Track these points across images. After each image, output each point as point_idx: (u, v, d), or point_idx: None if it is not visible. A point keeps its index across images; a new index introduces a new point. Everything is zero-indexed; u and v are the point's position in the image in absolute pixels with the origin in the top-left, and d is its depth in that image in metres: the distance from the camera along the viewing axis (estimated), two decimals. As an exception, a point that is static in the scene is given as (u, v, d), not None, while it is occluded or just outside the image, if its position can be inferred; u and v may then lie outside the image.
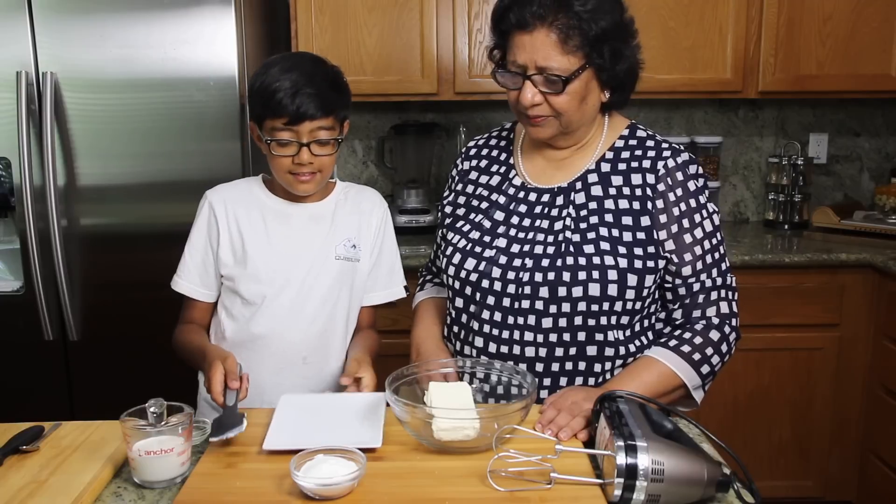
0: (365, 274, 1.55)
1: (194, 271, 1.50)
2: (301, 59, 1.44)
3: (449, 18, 2.58)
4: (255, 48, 2.35)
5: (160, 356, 2.24)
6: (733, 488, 1.03)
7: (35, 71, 2.15)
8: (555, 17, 1.27)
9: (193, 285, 1.50)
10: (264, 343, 1.48)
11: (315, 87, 1.36)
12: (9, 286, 2.29)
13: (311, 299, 1.48)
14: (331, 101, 1.38)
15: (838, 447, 2.56)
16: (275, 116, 1.36)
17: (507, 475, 1.06)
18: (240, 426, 1.15)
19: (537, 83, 1.31)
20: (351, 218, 1.53)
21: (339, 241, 1.50)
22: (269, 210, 1.49)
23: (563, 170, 1.43)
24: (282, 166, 1.41)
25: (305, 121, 1.36)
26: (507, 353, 1.37)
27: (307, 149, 1.38)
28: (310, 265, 1.48)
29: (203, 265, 1.49)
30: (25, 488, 1.05)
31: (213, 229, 1.48)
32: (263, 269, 1.46)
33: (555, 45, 1.28)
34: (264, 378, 1.46)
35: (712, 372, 1.34)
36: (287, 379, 1.48)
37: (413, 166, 2.90)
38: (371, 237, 1.55)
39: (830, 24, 2.61)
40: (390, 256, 1.60)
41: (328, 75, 1.41)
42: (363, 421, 1.23)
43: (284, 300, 1.47)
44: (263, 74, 1.38)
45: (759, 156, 3.06)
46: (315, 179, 1.43)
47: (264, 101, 1.37)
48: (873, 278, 2.44)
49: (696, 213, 1.36)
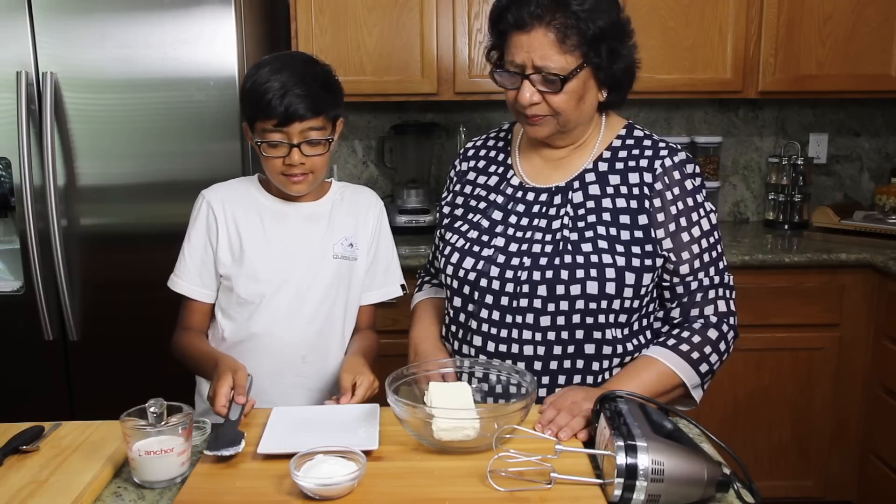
0: (362, 272, 1.55)
1: (194, 271, 1.49)
2: (291, 59, 1.43)
3: (449, 18, 2.58)
4: (255, 48, 2.35)
5: (160, 356, 2.23)
6: (733, 488, 1.03)
7: (35, 71, 2.16)
8: (552, 17, 1.27)
9: (193, 285, 1.49)
10: (263, 342, 1.47)
11: (304, 88, 1.35)
12: (9, 286, 2.29)
13: (309, 299, 1.48)
14: (321, 101, 1.37)
15: (838, 447, 2.56)
16: (265, 118, 1.36)
17: (507, 475, 1.06)
18: (237, 446, 1.12)
19: (535, 82, 1.31)
20: (348, 217, 1.53)
21: (336, 240, 1.51)
22: (266, 210, 1.49)
23: (560, 169, 1.43)
24: (274, 167, 1.41)
25: (295, 122, 1.35)
26: (506, 352, 1.37)
27: (298, 150, 1.37)
28: (307, 264, 1.48)
29: (203, 264, 1.49)
30: (25, 488, 1.05)
31: (211, 228, 1.48)
32: (261, 268, 1.46)
33: (552, 44, 1.28)
34: (263, 378, 1.46)
35: (711, 371, 1.34)
36: (286, 378, 1.48)
37: (413, 166, 2.90)
38: (368, 236, 1.55)
39: (830, 24, 2.61)
40: (387, 254, 1.60)
41: (318, 75, 1.40)
42: (359, 425, 1.23)
43: (283, 299, 1.47)
44: (254, 75, 1.38)
45: (759, 156, 3.06)
46: (308, 180, 1.43)
47: (254, 102, 1.36)
48: (873, 278, 2.44)
49: (694, 212, 1.37)
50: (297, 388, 1.49)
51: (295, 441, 1.15)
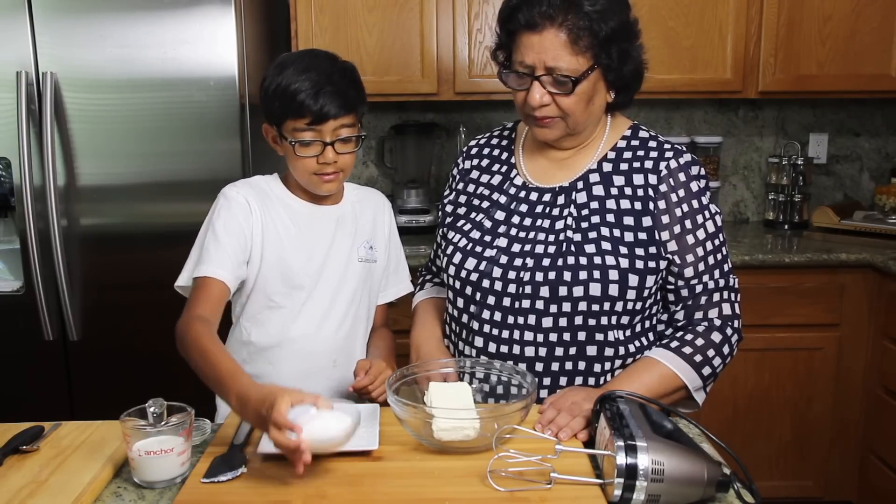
0: (380, 274, 1.56)
1: (224, 256, 1.37)
2: (316, 57, 1.41)
3: (449, 18, 2.58)
4: (255, 48, 2.35)
5: (160, 356, 2.24)
6: (733, 488, 1.02)
7: (35, 71, 2.15)
8: (564, 18, 1.27)
9: (225, 271, 1.36)
10: (295, 347, 1.45)
11: (335, 86, 1.35)
12: (9, 286, 2.29)
13: (338, 302, 1.47)
14: (351, 98, 1.38)
15: (838, 447, 2.56)
16: (297, 117, 1.35)
17: (507, 475, 1.05)
18: (235, 471, 1.09)
19: (545, 84, 1.30)
20: (367, 219, 1.54)
21: (359, 243, 1.51)
22: (296, 212, 1.47)
23: (564, 169, 1.43)
24: (306, 167, 1.39)
25: (329, 120, 1.35)
26: (508, 352, 1.36)
27: (331, 147, 1.37)
28: (337, 268, 1.47)
29: (235, 251, 1.38)
30: (25, 488, 1.05)
31: (248, 222, 1.41)
32: (297, 272, 1.44)
33: (564, 45, 1.27)
34: (292, 382, 1.44)
35: (714, 374, 1.34)
36: (315, 382, 1.46)
37: (413, 166, 2.90)
38: (384, 237, 1.57)
39: (830, 24, 2.61)
40: (397, 253, 1.62)
41: (345, 72, 1.40)
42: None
43: (316, 304, 1.45)
44: (279, 75, 1.36)
45: (759, 156, 3.06)
46: (338, 178, 1.42)
47: (285, 102, 1.35)
48: (873, 278, 2.44)
49: (699, 214, 1.36)
50: (325, 392, 1.46)
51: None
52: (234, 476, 1.08)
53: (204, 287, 1.35)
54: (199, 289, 1.36)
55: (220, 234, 1.38)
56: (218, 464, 1.11)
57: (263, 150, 2.43)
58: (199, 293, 1.35)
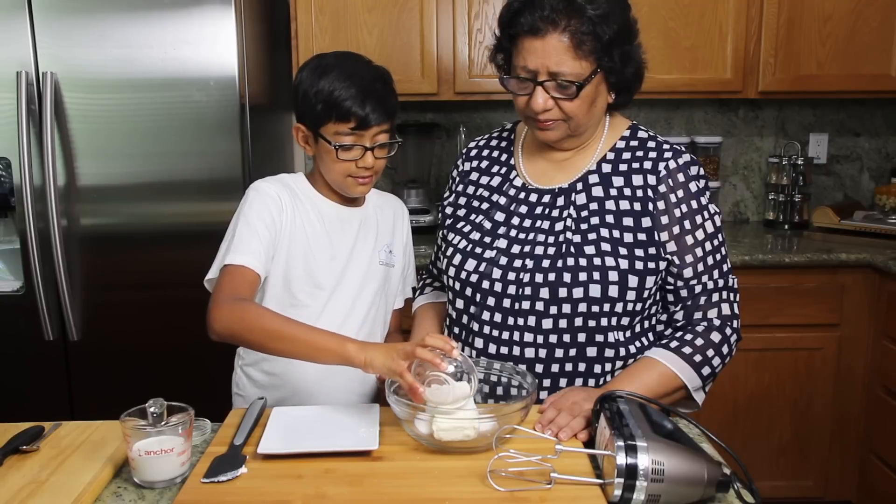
0: (398, 278, 1.58)
1: (260, 249, 1.36)
2: (356, 62, 1.43)
3: (449, 18, 2.58)
4: (255, 48, 2.35)
5: (160, 356, 2.25)
6: (733, 488, 1.02)
7: (35, 71, 2.16)
8: (567, 22, 1.26)
9: (256, 260, 1.36)
10: None
11: (378, 93, 1.38)
12: (9, 286, 2.29)
13: (359, 304, 1.49)
14: (391, 106, 1.41)
15: (838, 447, 2.56)
16: (341, 121, 1.37)
17: (507, 475, 1.05)
18: (234, 471, 1.09)
19: (549, 89, 1.30)
20: (387, 224, 1.56)
21: (380, 247, 1.53)
22: (323, 212, 1.48)
23: (563, 170, 1.43)
24: (344, 170, 1.41)
25: (372, 126, 1.38)
26: (507, 353, 1.36)
27: (371, 153, 1.39)
28: (360, 270, 1.49)
29: (270, 244, 1.39)
30: (25, 488, 1.05)
31: (280, 216, 1.42)
32: (321, 270, 1.45)
33: (567, 50, 1.27)
34: (313, 380, 1.46)
35: (713, 374, 1.34)
36: (335, 383, 1.47)
37: (413, 166, 2.90)
38: (402, 242, 1.59)
39: (830, 24, 2.61)
40: (411, 259, 1.64)
41: (385, 79, 1.43)
42: (359, 425, 1.22)
43: (338, 304, 1.47)
44: (319, 79, 1.38)
45: (759, 156, 3.06)
46: (371, 182, 1.45)
47: (329, 106, 1.37)
48: (873, 278, 2.44)
49: (698, 215, 1.36)
50: (345, 392, 1.48)
51: (295, 441, 1.16)
52: (234, 476, 1.08)
53: (236, 273, 1.33)
54: (230, 275, 1.33)
55: (253, 224, 1.38)
56: (218, 464, 1.11)
57: (263, 150, 2.43)
58: (232, 279, 1.32)
